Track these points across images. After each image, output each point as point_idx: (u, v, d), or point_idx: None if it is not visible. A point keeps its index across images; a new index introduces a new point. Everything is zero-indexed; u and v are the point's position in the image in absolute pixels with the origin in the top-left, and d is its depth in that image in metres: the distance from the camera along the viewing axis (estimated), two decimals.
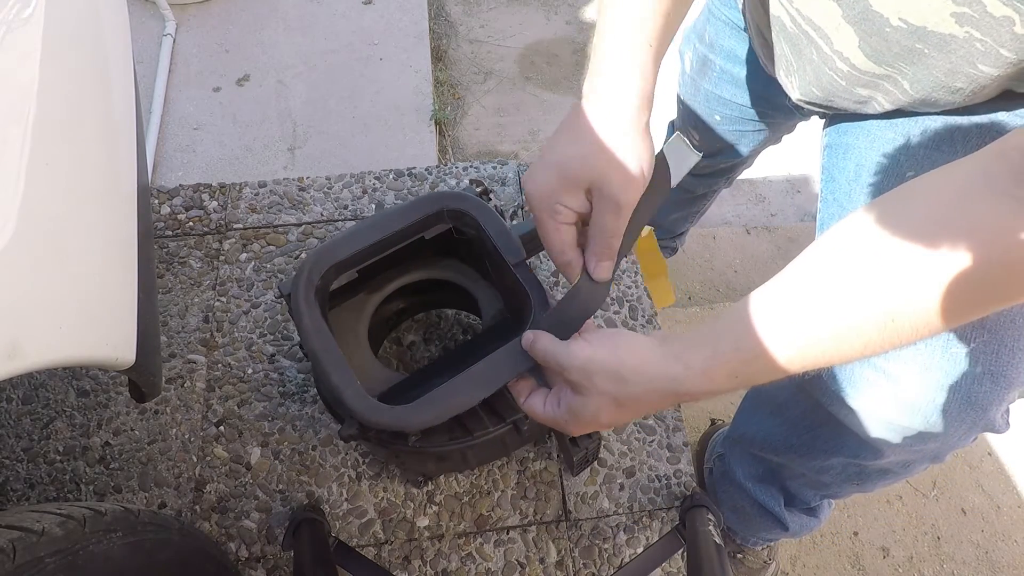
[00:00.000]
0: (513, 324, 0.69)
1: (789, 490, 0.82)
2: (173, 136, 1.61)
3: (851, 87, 0.60)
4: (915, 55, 0.52)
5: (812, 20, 0.58)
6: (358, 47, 1.78)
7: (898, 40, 0.52)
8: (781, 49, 0.67)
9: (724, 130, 0.96)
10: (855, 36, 0.55)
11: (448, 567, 0.73)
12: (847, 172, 0.64)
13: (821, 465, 0.70)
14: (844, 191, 0.63)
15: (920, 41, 0.51)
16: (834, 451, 0.65)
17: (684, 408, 1.07)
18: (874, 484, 0.70)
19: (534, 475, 0.78)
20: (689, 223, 1.34)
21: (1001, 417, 0.56)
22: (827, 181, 0.67)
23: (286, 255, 0.92)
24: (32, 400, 0.82)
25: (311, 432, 0.80)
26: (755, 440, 0.80)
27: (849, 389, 0.57)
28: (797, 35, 0.62)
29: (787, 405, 0.71)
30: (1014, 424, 1.19)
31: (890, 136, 0.61)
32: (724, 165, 1.08)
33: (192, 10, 1.82)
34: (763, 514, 0.87)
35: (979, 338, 0.52)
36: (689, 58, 0.93)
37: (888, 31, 0.51)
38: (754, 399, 0.83)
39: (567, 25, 1.98)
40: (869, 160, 0.62)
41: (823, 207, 0.67)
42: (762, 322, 0.43)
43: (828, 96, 0.64)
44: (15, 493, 0.76)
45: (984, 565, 1.16)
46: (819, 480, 0.74)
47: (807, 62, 0.63)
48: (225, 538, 0.74)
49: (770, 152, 1.07)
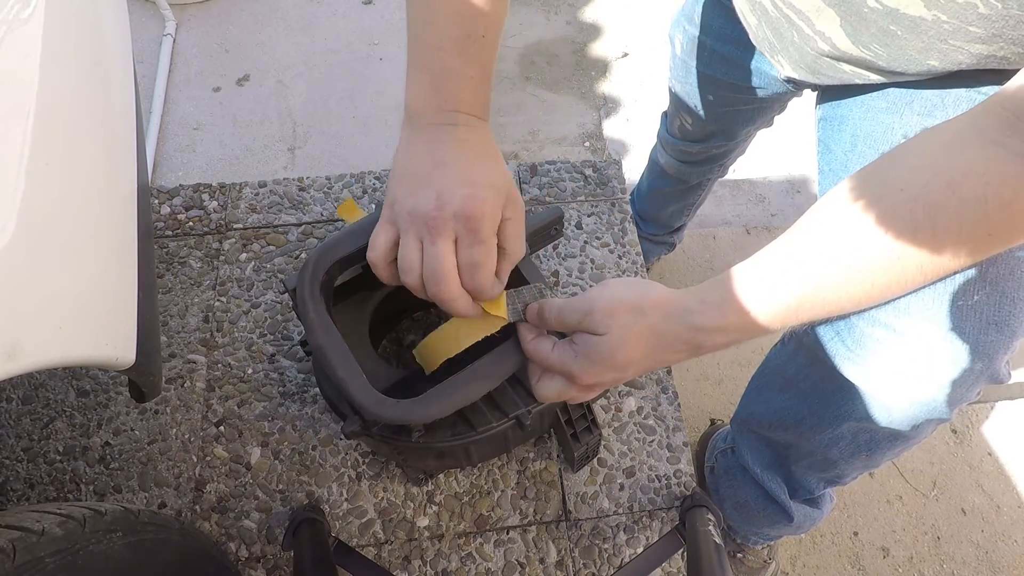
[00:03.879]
0: None
1: (793, 476, 0.83)
2: (173, 136, 1.61)
3: (835, 64, 0.62)
4: (889, 36, 0.54)
5: (793, 4, 0.60)
6: (358, 47, 1.78)
7: (875, 20, 0.54)
8: (763, 32, 0.69)
9: (717, 111, 0.96)
10: (836, 16, 0.57)
11: (448, 567, 0.73)
12: (843, 143, 0.65)
13: (831, 435, 0.70)
14: (840, 161, 0.65)
15: (894, 23, 0.53)
16: (845, 416, 0.66)
17: (684, 408, 1.07)
18: (883, 454, 0.70)
19: (534, 475, 0.78)
20: (685, 216, 1.34)
21: (1004, 367, 0.58)
22: (823, 153, 0.69)
23: (286, 255, 0.92)
24: (32, 400, 0.82)
25: (311, 432, 0.80)
26: (764, 419, 0.81)
27: (859, 349, 0.59)
28: (778, 18, 0.64)
29: (796, 378, 0.72)
30: (1014, 424, 1.19)
31: (883, 105, 0.62)
32: (717, 150, 1.08)
33: (192, 10, 1.82)
34: (769, 506, 0.87)
35: (982, 291, 0.54)
36: (680, 41, 0.94)
37: (866, 11, 0.54)
38: (761, 378, 0.84)
39: (567, 25, 1.98)
40: (863, 130, 0.63)
41: (821, 179, 0.68)
42: (776, 263, 0.45)
43: (814, 73, 0.66)
44: (15, 493, 0.76)
45: (984, 565, 1.16)
46: (827, 457, 0.74)
47: (789, 43, 0.65)
48: (225, 538, 0.74)
49: (770, 152, 1.07)
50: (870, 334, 0.58)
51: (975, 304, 0.54)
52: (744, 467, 0.90)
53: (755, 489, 0.88)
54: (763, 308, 0.45)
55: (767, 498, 0.87)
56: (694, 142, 1.07)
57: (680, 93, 1.00)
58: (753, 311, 0.45)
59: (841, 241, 0.43)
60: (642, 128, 1.76)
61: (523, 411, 0.62)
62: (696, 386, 1.32)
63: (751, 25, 0.72)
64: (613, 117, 1.80)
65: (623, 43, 1.94)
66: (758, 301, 0.45)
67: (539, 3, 2.03)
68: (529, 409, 0.61)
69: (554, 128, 1.77)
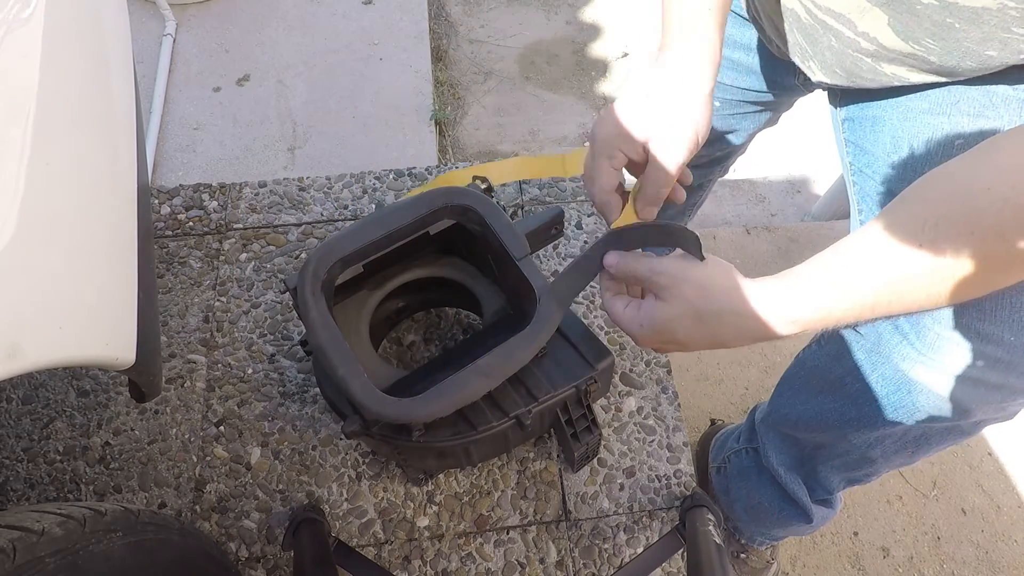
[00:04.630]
0: (515, 320, 0.69)
1: (817, 475, 0.82)
2: (173, 136, 1.61)
3: (876, 64, 0.61)
4: (945, 29, 0.53)
5: (832, 9, 0.60)
6: (358, 47, 1.78)
7: (928, 15, 0.53)
8: (795, 38, 0.68)
9: (723, 116, 0.96)
10: (884, 15, 0.56)
11: (448, 567, 0.73)
12: (882, 144, 0.64)
13: (879, 435, 0.69)
14: (883, 161, 0.64)
15: (951, 15, 0.52)
16: (904, 418, 0.65)
17: (684, 408, 1.07)
18: (930, 449, 0.69)
19: (534, 475, 0.78)
20: (687, 216, 1.34)
21: None
22: (857, 153, 0.68)
23: (286, 255, 0.92)
24: (32, 400, 0.82)
25: (311, 432, 0.80)
26: (800, 420, 0.79)
27: (932, 353, 0.58)
28: (812, 25, 0.63)
29: (843, 380, 0.71)
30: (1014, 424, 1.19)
31: (925, 106, 0.61)
32: (720, 153, 1.07)
33: (192, 10, 1.82)
34: (786, 507, 0.87)
35: None
36: None
37: (919, 8, 0.53)
38: (795, 380, 0.82)
39: (567, 25, 1.98)
40: (907, 131, 0.62)
41: (857, 179, 0.67)
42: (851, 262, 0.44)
43: (851, 76, 0.65)
44: (15, 493, 0.76)
45: (984, 565, 1.16)
46: (865, 456, 0.74)
47: (825, 48, 0.64)
48: (225, 538, 0.74)
49: (770, 152, 1.07)
50: (947, 337, 0.56)
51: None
52: (763, 468, 0.89)
53: (773, 490, 0.88)
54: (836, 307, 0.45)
55: (786, 499, 0.86)
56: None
57: None
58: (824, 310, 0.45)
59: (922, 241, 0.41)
60: None
61: (523, 411, 0.62)
62: (696, 386, 1.32)
63: (778, 32, 0.70)
64: None
65: (623, 43, 1.94)
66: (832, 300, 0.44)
67: (539, 3, 2.03)
68: (529, 409, 0.61)
69: (554, 128, 1.77)
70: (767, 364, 1.33)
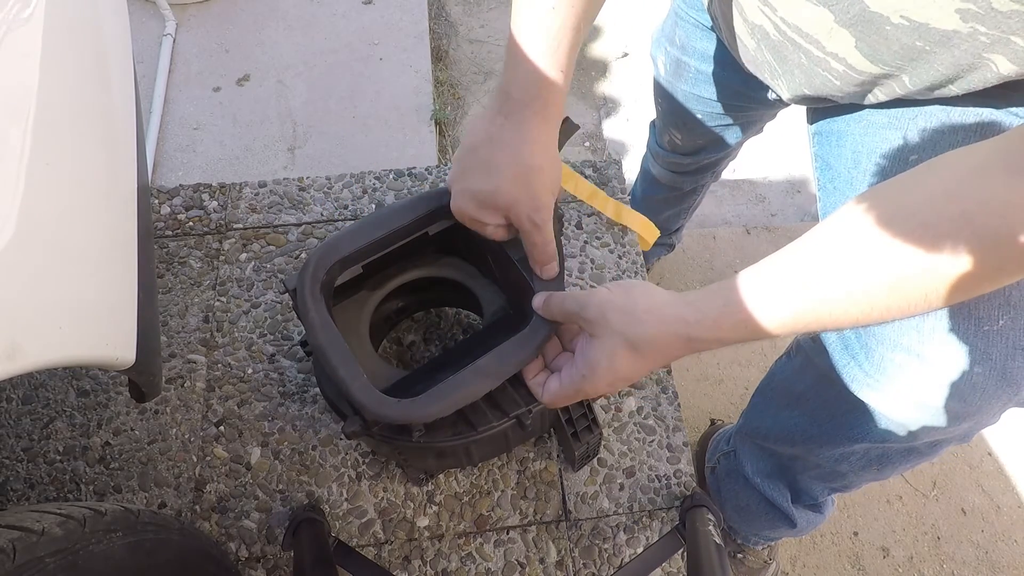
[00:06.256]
0: (515, 319, 0.69)
1: (798, 484, 0.82)
2: (173, 136, 1.61)
3: (845, 86, 0.60)
4: (915, 52, 0.52)
5: (800, 28, 0.59)
6: (358, 47, 1.78)
7: (898, 38, 0.52)
8: (763, 56, 0.67)
9: (706, 127, 0.96)
10: (851, 38, 0.55)
11: (448, 567, 0.73)
12: (844, 159, 0.64)
13: (842, 452, 0.69)
14: (844, 178, 0.63)
15: (921, 38, 0.51)
16: (859, 437, 0.65)
17: (684, 408, 1.07)
18: (895, 468, 0.69)
19: (534, 475, 0.78)
20: (682, 219, 1.34)
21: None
22: (823, 169, 0.68)
23: (286, 255, 0.92)
24: (32, 400, 0.82)
25: (311, 432, 0.80)
26: (770, 433, 0.80)
27: (879, 375, 0.58)
28: (782, 42, 0.62)
29: (805, 396, 0.71)
30: (1014, 424, 1.19)
31: (884, 121, 0.61)
32: (708, 160, 1.08)
33: (192, 10, 1.82)
34: (770, 511, 0.87)
35: (1007, 315, 0.53)
36: (662, 62, 0.93)
37: (888, 29, 0.52)
38: (766, 393, 0.82)
39: None
40: (866, 146, 0.62)
41: (822, 195, 0.67)
42: (777, 277, 0.45)
43: (820, 94, 0.64)
44: (15, 493, 0.76)
45: (984, 565, 1.16)
46: (835, 470, 0.74)
47: (794, 66, 0.63)
48: (225, 538, 0.74)
49: (770, 152, 1.07)
50: (891, 359, 0.56)
51: (1001, 329, 0.52)
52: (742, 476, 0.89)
53: (756, 494, 0.88)
54: (760, 321, 0.45)
55: (768, 504, 0.86)
56: (685, 155, 1.07)
57: (667, 111, 0.99)
58: (749, 324, 0.45)
59: (845, 261, 0.42)
60: (642, 128, 1.76)
61: (523, 410, 0.62)
62: (696, 386, 1.32)
63: (748, 48, 0.69)
64: (613, 117, 1.80)
65: (623, 43, 1.94)
66: (756, 313, 0.45)
67: None
68: (530, 408, 0.61)
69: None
70: (767, 364, 1.32)
